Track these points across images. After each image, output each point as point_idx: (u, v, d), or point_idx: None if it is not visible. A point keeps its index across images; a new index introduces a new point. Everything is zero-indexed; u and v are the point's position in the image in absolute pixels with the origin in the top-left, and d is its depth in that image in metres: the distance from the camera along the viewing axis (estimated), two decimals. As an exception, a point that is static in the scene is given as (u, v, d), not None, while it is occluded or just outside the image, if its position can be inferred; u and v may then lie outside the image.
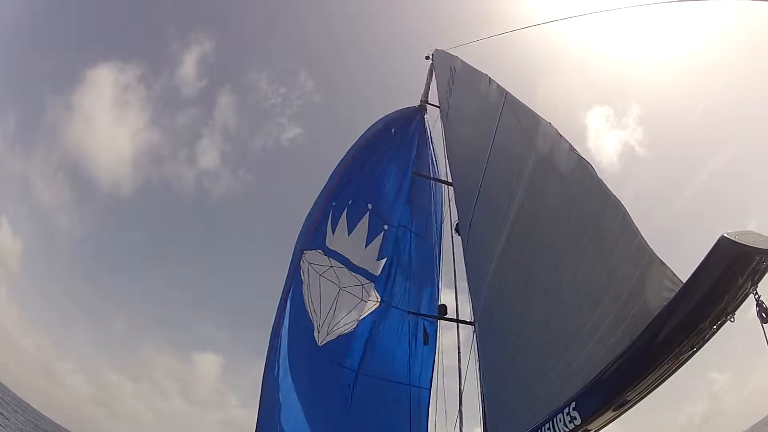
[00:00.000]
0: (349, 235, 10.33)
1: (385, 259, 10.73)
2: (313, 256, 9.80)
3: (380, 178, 10.93)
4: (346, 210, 10.35)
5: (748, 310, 2.48)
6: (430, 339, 10.21)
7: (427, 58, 13.08)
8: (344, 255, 10.18)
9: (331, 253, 10.02)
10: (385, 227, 10.81)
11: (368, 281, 10.40)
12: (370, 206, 10.66)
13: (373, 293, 10.42)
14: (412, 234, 11.12)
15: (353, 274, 10.22)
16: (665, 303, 2.86)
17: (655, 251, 3.30)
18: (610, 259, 3.68)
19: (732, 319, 2.57)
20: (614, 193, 3.94)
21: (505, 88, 6.37)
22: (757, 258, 2.40)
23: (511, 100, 6.12)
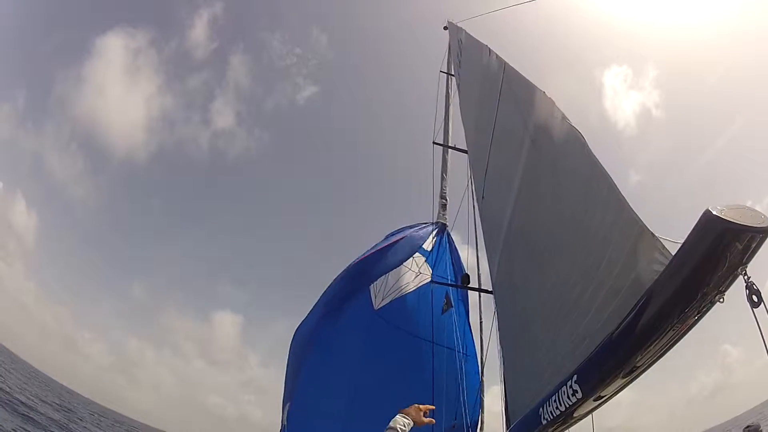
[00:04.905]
0: None
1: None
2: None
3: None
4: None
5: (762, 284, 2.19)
6: (461, 305, 10.25)
7: (445, 28, 13.02)
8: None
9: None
10: None
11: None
12: None
13: (425, 266, 10.58)
14: None
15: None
16: (655, 278, 2.61)
17: (645, 223, 3.01)
18: (601, 229, 3.40)
19: (721, 300, 2.22)
20: (619, 163, 3.66)
21: (504, 59, 6.06)
22: (745, 236, 2.06)
23: (509, 70, 5.81)
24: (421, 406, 3.38)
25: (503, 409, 5.42)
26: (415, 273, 10.37)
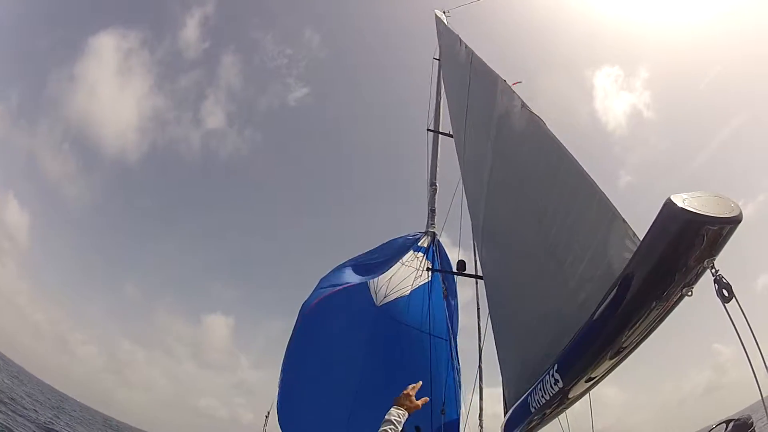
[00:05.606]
0: None
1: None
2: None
3: None
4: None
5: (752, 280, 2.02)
6: (450, 294, 10.35)
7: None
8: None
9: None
10: None
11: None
12: None
13: (424, 261, 10.82)
14: None
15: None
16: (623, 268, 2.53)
17: (628, 221, 2.94)
18: (569, 215, 3.33)
19: (690, 294, 2.07)
20: (579, 151, 3.58)
21: (472, 49, 5.99)
22: (710, 227, 1.87)
23: (476, 60, 5.74)
24: (410, 391, 3.20)
25: (503, 397, 5.44)
26: (417, 272, 10.58)
